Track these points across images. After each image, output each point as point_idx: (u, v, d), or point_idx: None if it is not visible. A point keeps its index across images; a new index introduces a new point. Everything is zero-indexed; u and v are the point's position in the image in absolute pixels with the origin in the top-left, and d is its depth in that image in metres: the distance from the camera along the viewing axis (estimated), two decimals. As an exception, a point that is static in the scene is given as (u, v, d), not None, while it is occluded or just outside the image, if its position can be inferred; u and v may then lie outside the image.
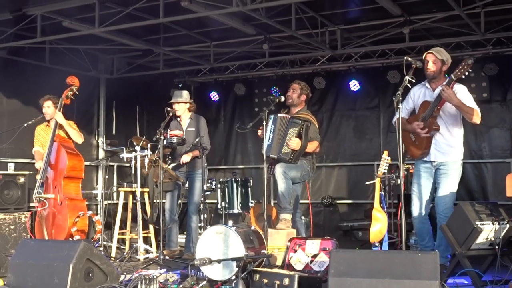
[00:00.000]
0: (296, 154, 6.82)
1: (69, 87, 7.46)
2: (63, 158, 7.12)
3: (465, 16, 7.85)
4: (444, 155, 5.88)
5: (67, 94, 7.46)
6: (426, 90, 6.03)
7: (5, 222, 7.74)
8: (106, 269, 5.09)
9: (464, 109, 5.71)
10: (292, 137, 6.77)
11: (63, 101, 7.44)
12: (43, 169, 7.15)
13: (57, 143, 7.25)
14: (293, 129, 6.81)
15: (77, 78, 7.51)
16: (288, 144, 6.77)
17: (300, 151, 6.83)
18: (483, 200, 8.87)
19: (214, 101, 11.80)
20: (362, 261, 4.29)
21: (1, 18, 7.96)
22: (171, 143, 7.35)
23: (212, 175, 10.67)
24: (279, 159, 6.84)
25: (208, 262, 5.17)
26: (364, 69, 10.53)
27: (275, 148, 6.84)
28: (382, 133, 10.52)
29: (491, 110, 9.57)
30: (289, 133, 6.80)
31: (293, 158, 6.81)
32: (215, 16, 7.71)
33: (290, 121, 6.86)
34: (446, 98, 5.64)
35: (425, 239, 6.06)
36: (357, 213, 10.19)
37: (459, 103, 5.66)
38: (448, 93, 5.60)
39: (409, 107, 6.16)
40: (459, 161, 5.92)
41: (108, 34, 8.46)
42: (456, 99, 5.64)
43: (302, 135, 6.80)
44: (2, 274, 5.48)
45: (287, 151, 6.79)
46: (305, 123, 6.85)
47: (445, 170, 5.87)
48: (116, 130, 10.61)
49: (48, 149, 7.21)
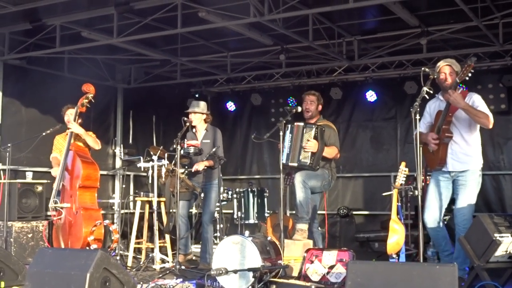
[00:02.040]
0: (315, 158, 6.80)
1: (84, 95, 7.49)
2: (78, 167, 7.11)
3: (483, 27, 7.82)
4: (461, 164, 5.82)
5: (83, 102, 7.46)
6: (440, 102, 6.01)
7: (23, 231, 7.79)
8: (123, 278, 5.09)
9: (472, 112, 5.65)
10: (308, 139, 6.78)
11: (79, 109, 7.46)
12: (59, 177, 7.17)
13: (72, 151, 7.25)
14: (308, 133, 6.83)
15: (92, 85, 7.53)
16: (305, 147, 6.77)
17: (319, 154, 6.81)
18: (501, 212, 8.79)
19: (230, 111, 11.83)
20: (379, 273, 4.25)
21: (21, 28, 8.06)
22: (188, 153, 7.36)
23: (228, 185, 10.66)
24: (299, 166, 6.83)
25: (225, 272, 5.17)
26: (381, 79, 10.50)
27: (294, 156, 6.84)
28: (399, 144, 10.47)
29: (509, 121, 9.50)
30: (304, 137, 6.82)
31: (313, 163, 6.79)
32: (232, 26, 7.75)
33: (304, 127, 6.89)
34: (452, 102, 5.63)
35: (442, 244, 5.99)
36: (373, 224, 10.13)
37: (466, 106, 5.62)
38: (454, 96, 5.58)
39: (427, 121, 6.12)
40: (477, 172, 5.85)
41: (126, 44, 8.53)
42: (462, 102, 5.60)
43: (318, 138, 6.80)
44: (20, 283, 5.51)
45: (306, 156, 6.78)
46: (319, 127, 6.86)
47: (464, 181, 5.81)
48: (133, 139, 10.67)
49: (63, 158, 7.24)
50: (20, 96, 8.90)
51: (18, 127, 8.80)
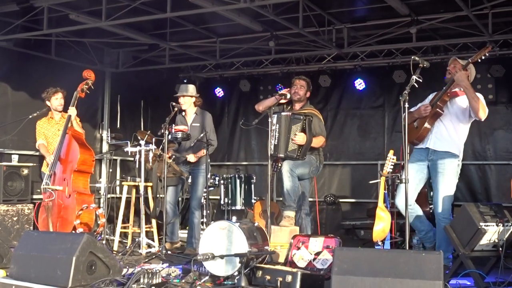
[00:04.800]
0: (302, 149, 6.77)
1: (84, 81, 7.46)
2: (75, 151, 7.09)
3: (473, 17, 7.82)
4: (442, 143, 5.87)
5: (83, 88, 7.46)
6: None
7: (8, 214, 7.73)
8: (109, 263, 5.09)
9: (471, 94, 5.68)
10: (296, 133, 6.75)
11: (78, 94, 7.45)
12: (54, 161, 7.12)
13: (69, 135, 7.22)
14: (296, 126, 6.76)
15: (93, 72, 7.50)
16: (293, 139, 6.73)
17: (306, 146, 6.78)
18: (486, 202, 8.85)
19: (218, 97, 11.80)
20: (365, 260, 4.27)
21: (8, 10, 7.95)
22: (176, 138, 7.33)
23: (215, 171, 10.65)
24: (286, 157, 6.81)
25: (211, 257, 5.17)
26: (369, 68, 10.51)
27: (282, 147, 6.77)
28: (387, 132, 10.51)
29: (496, 112, 9.53)
30: (292, 130, 6.76)
31: (300, 154, 6.77)
32: (222, 12, 7.70)
33: (291, 118, 6.79)
34: (457, 79, 5.69)
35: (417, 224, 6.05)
36: (359, 212, 10.16)
37: (468, 86, 5.68)
38: (460, 73, 5.66)
39: None
40: (456, 161, 5.88)
41: (114, 27, 8.45)
42: (466, 81, 5.67)
43: (306, 130, 6.78)
44: (5, 266, 5.48)
45: (294, 148, 6.75)
46: (307, 118, 6.80)
47: (442, 169, 5.85)
48: (120, 124, 10.61)
49: (59, 141, 7.18)
50: (6, 78, 8.79)
51: (4, 110, 8.70)
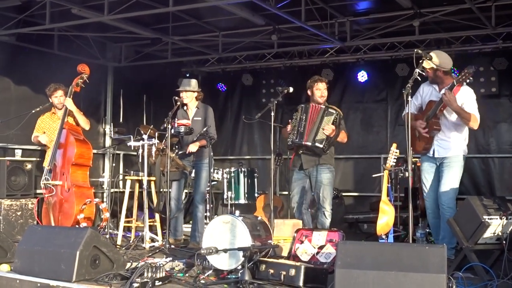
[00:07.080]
0: (330, 141, 6.88)
1: (79, 75, 7.47)
2: (72, 145, 7.14)
3: (476, 9, 7.79)
4: (446, 150, 6.00)
5: (77, 82, 7.48)
6: (433, 90, 6.13)
7: (12, 208, 7.75)
8: (113, 257, 5.11)
9: (462, 115, 5.80)
10: (328, 124, 6.81)
11: (73, 89, 7.47)
12: (52, 156, 7.15)
13: (66, 130, 7.25)
14: (328, 117, 6.87)
15: (87, 66, 7.51)
16: (324, 129, 6.80)
17: (334, 138, 6.90)
18: (490, 195, 8.83)
19: (221, 91, 11.80)
20: (369, 253, 4.28)
21: (11, 4, 7.94)
22: (178, 132, 7.33)
23: (218, 165, 10.64)
24: (312, 147, 6.84)
25: (215, 251, 5.17)
26: (372, 61, 10.48)
27: (310, 135, 6.84)
28: (389, 126, 10.49)
29: (499, 104, 9.53)
30: (324, 120, 6.85)
31: (325, 147, 6.85)
32: (224, 5, 7.69)
33: (325, 110, 6.91)
34: (446, 103, 5.78)
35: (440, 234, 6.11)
36: (362, 206, 10.17)
37: (458, 109, 5.77)
38: (449, 97, 5.72)
39: (418, 103, 6.22)
40: (461, 155, 6.03)
41: (116, 22, 8.43)
42: (455, 104, 5.74)
43: (336, 124, 6.87)
44: (9, 260, 5.50)
45: (322, 137, 6.81)
46: (339, 113, 6.96)
47: (447, 163, 5.99)
48: (123, 118, 10.61)
49: (57, 136, 7.23)
50: (9, 73, 8.80)
51: (7, 105, 8.71)
